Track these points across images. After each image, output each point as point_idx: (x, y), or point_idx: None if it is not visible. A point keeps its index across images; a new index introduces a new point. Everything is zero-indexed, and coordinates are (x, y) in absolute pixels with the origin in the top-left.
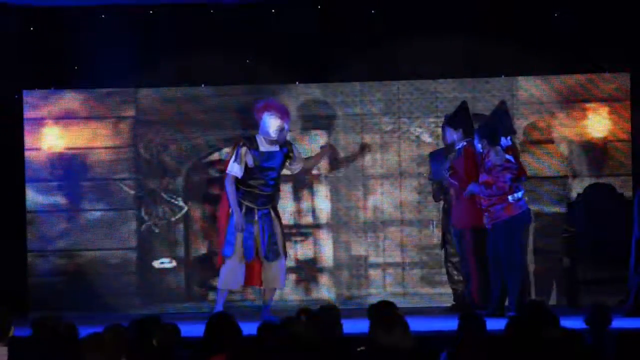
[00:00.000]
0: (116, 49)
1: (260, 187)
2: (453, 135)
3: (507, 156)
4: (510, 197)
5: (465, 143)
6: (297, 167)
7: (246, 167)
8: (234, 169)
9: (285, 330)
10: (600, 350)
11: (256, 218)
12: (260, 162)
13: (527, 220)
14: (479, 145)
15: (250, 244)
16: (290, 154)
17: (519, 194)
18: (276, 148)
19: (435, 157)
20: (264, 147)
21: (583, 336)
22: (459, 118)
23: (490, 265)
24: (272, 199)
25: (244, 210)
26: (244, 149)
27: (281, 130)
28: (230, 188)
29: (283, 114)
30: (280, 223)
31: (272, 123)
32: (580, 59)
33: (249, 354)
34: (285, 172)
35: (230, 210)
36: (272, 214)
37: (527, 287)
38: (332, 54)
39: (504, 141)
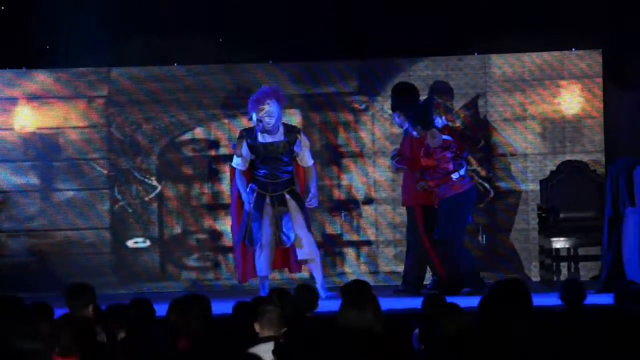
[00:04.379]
0: (88, 28)
1: (266, 176)
2: (396, 119)
3: (444, 136)
4: (454, 175)
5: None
6: (304, 161)
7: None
8: (235, 161)
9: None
10: (577, 325)
11: (268, 203)
12: (259, 153)
13: (473, 197)
14: (415, 132)
15: (258, 230)
16: (293, 142)
17: (462, 171)
18: (278, 138)
19: None
20: (262, 138)
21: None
22: (393, 101)
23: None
24: (284, 185)
25: (254, 197)
26: (241, 141)
27: (269, 116)
28: (237, 181)
29: (263, 99)
30: (300, 204)
31: (257, 115)
32: (553, 36)
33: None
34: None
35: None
36: (287, 196)
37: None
38: (305, 32)
39: (439, 121)
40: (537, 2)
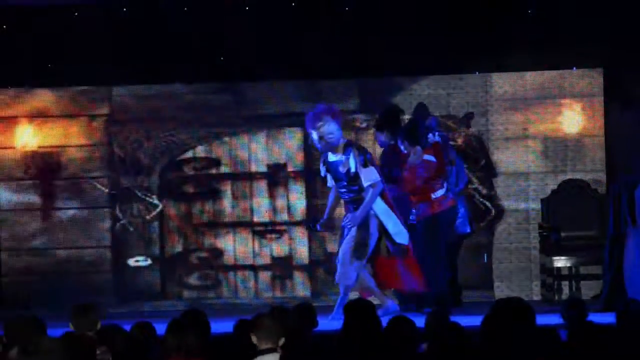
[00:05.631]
0: (90, 46)
1: (340, 195)
2: (380, 137)
3: (427, 156)
4: (432, 195)
5: (392, 143)
6: (363, 180)
7: None
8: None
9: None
10: (578, 344)
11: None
12: (330, 172)
13: (452, 218)
14: (402, 147)
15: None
16: (346, 163)
17: (441, 192)
18: (338, 157)
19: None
20: (329, 157)
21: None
22: (384, 121)
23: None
24: (353, 205)
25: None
26: (320, 160)
27: (329, 133)
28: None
29: (319, 116)
30: (356, 230)
31: (317, 133)
32: (553, 55)
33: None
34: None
35: None
36: None
37: (455, 284)
38: (306, 51)
39: (431, 137)
40: (538, 21)
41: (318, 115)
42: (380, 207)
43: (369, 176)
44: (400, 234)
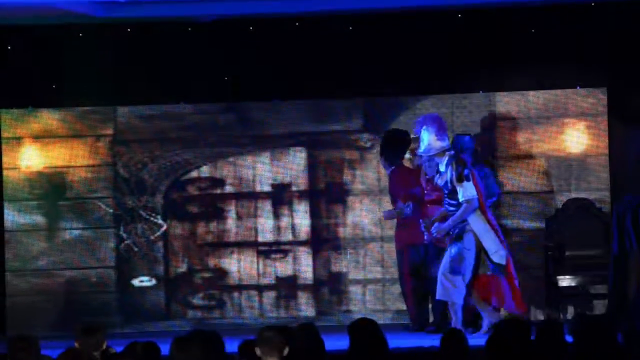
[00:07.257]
0: (94, 67)
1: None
2: (381, 160)
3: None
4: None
5: (394, 167)
6: (460, 195)
7: None
8: None
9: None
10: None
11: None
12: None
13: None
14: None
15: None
16: (444, 176)
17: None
18: (443, 167)
19: None
20: (440, 167)
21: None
22: (380, 147)
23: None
24: None
25: None
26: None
27: (420, 141)
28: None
29: (417, 125)
30: (453, 245)
31: None
32: (557, 74)
33: None
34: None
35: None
36: (458, 231)
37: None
38: (311, 71)
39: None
40: (542, 40)
41: (421, 122)
42: (478, 225)
43: (466, 192)
44: (497, 254)
